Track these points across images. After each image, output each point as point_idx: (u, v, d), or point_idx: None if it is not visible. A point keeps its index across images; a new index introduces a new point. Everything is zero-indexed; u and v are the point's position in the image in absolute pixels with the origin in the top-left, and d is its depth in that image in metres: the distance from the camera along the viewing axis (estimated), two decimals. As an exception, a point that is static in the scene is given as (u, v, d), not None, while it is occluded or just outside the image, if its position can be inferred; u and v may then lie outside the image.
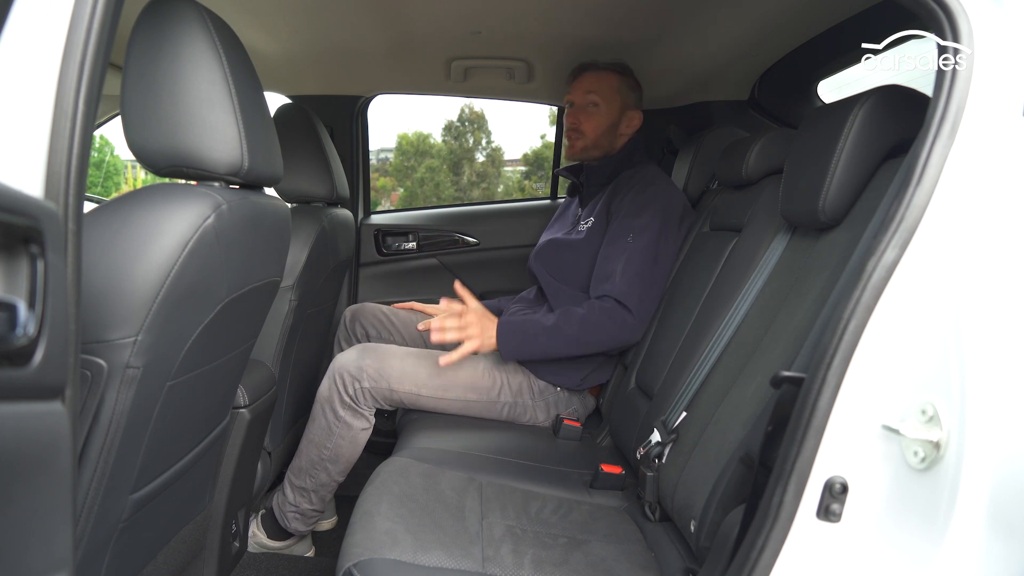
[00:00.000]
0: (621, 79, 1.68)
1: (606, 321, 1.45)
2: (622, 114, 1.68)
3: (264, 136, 0.91)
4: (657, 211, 1.53)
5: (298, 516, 1.52)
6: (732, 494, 0.91)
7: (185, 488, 1.04)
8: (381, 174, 13.96)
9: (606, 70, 1.67)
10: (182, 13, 0.80)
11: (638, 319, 1.47)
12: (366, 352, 1.48)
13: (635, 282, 1.47)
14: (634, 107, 1.70)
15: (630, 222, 1.53)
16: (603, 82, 1.66)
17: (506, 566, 0.93)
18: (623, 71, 1.69)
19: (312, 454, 1.49)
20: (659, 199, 1.55)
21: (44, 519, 0.52)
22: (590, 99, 1.65)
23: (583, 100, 1.66)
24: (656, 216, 1.52)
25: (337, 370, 1.46)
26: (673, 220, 1.56)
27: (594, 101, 1.65)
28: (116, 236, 0.73)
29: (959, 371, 0.66)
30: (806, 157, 1.06)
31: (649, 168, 1.66)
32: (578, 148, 1.69)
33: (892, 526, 0.69)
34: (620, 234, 1.52)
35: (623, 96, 1.67)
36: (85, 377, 0.72)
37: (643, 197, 1.55)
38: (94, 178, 6.17)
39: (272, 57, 1.85)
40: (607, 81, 1.66)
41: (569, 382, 1.57)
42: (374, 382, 1.45)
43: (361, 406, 1.47)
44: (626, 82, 1.68)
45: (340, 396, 1.46)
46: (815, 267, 1.02)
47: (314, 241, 1.46)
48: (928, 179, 0.69)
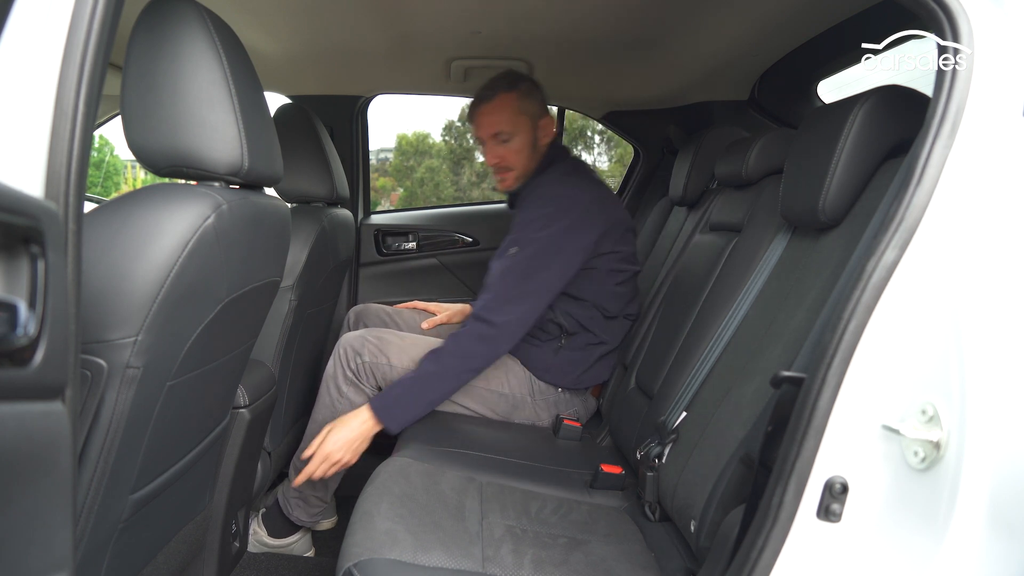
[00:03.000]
0: (518, 94, 1.55)
1: (472, 343, 1.41)
2: (535, 128, 1.58)
3: (264, 136, 0.91)
4: (546, 220, 1.46)
5: (301, 503, 1.53)
6: (732, 494, 0.91)
7: (185, 488, 1.04)
8: (381, 174, 13.96)
9: (499, 93, 1.55)
10: (182, 13, 0.80)
11: (503, 332, 1.41)
12: (370, 331, 1.54)
13: (505, 296, 1.43)
14: (542, 114, 1.60)
15: (517, 236, 1.48)
16: (502, 110, 1.55)
17: (506, 566, 0.93)
18: (514, 84, 1.56)
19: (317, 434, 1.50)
20: (552, 204, 1.47)
21: (44, 519, 0.52)
22: (500, 132, 1.55)
23: (493, 138, 1.57)
24: (546, 226, 1.45)
25: (341, 346, 1.51)
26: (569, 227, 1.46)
27: (504, 133, 1.55)
28: (116, 236, 0.73)
29: (959, 371, 0.66)
30: (806, 157, 1.06)
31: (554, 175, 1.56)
32: (511, 180, 1.61)
33: (892, 526, 0.69)
34: (506, 247, 1.49)
35: (527, 111, 1.56)
36: (85, 377, 0.72)
37: (535, 210, 1.49)
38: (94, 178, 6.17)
39: (272, 57, 1.85)
40: (504, 108, 1.55)
41: (564, 381, 1.57)
42: (374, 357, 1.48)
43: (363, 381, 1.49)
44: (523, 93, 1.56)
45: (343, 371, 1.49)
46: (815, 267, 1.02)
47: (314, 241, 1.46)
48: (928, 179, 0.69)
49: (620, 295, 1.59)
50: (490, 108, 1.56)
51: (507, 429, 1.52)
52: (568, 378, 1.57)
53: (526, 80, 1.60)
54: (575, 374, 1.57)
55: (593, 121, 2.52)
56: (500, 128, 1.55)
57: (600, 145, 12.39)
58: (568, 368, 1.56)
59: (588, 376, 1.59)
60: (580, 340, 1.57)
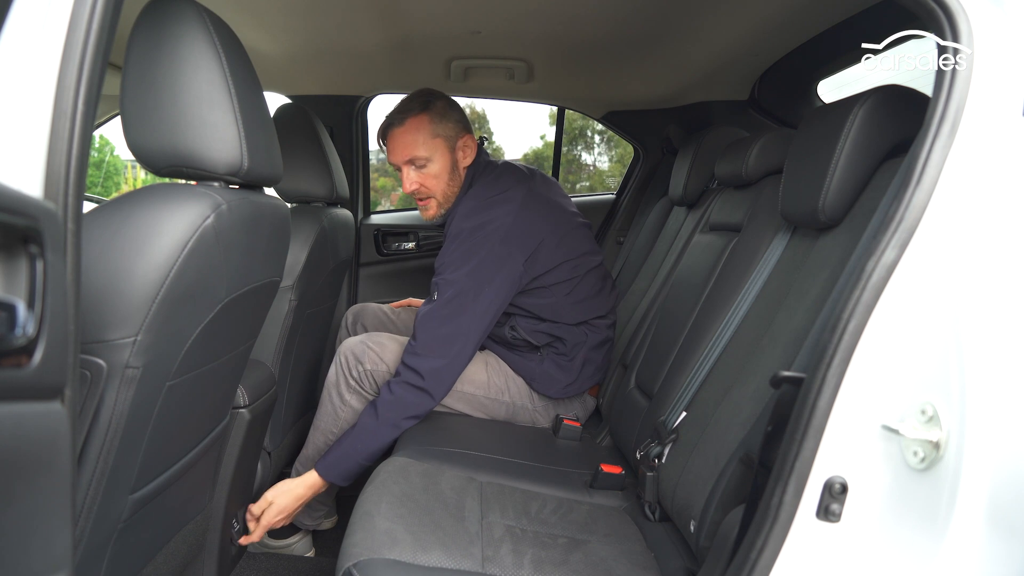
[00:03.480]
0: (430, 116, 1.47)
1: (405, 392, 1.37)
2: (453, 151, 1.50)
3: (264, 136, 0.91)
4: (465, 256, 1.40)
5: (305, 508, 1.53)
6: (732, 494, 0.91)
7: (185, 488, 1.04)
8: (381, 174, 13.94)
9: (410, 117, 1.47)
10: (182, 13, 0.80)
11: (432, 381, 1.37)
12: (369, 337, 1.52)
13: (427, 343, 1.38)
14: (461, 133, 1.51)
15: (436, 279, 1.43)
16: (414, 135, 1.46)
17: (506, 566, 0.93)
18: (426, 105, 1.47)
19: (319, 441, 1.51)
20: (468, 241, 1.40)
21: (44, 519, 0.52)
22: (415, 158, 1.47)
23: (408, 162, 1.49)
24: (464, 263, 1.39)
25: (342, 353, 1.50)
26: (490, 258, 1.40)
27: (420, 158, 1.47)
28: (116, 236, 0.73)
29: (959, 371, 0.66)
30: (806, 157, 1.06)
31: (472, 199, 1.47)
32: (434, 210, 1.53)
33: (892, 526, 0.69)
34: (429, 294, 1.44)
35: (443, 132, 1.48)
36: (85, 377, 0.72)
37: (452, 246, 1.42)
38: (94, 178, 6.17)
39: (272, 57, 1.85)
40: (417, 130, 1.46)
41: (553, 390, 1.55)
42: (375, 364, 1.47)
43: (366, 389, 1.48)
44: (436, 114, 1.48)
45: (345, 379, 1.48)
46: (815, 267, 1.02)
47: (314, 241, 1.46)
48: (928, 179, 0.69)
49: (578, 302, 1.52)
50: (402, 132, 1.47)
51: (507, 429, 1.52)
52: (556, 387, 1.55)
53: (440, 99, 1.50)
54: (563, 384, 1.55)
55: (593, 121, 2.52)
56: (415, 153, 1.47)
57: (600, 145, 12.39)
58: (557, 376, 1.54)
59: (577, 384, 1.57)
60: (556, 350, 1.55)
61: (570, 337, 1.54)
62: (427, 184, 1.50)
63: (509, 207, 1.43)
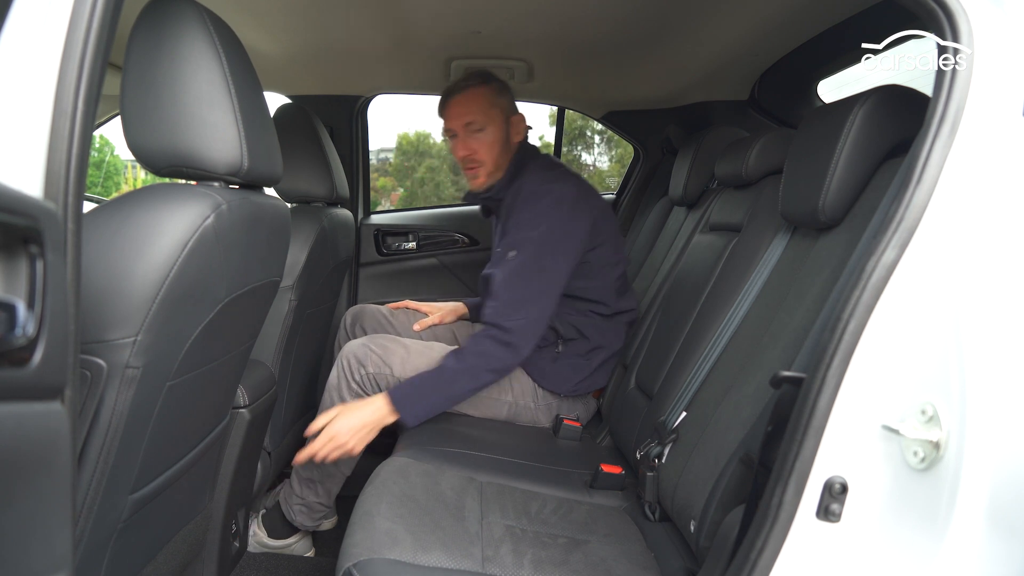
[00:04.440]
0: (490, 89, 1.56)
1: (491, 344, 1.41)
2: (507, 124, 1.58)
3: (264, 136, 0.91)
4: (538, 220, 1.46)
5: (304, 509, 1.53)
6: (732, 494, 0.91)
7: (185, 488, 1.04)
8: (381, 174, 13.95)
9: (472, 87, 1.55)
10: (182, 13, 0.80)
11: (518, 336, 1.41)
12: (372, 340, 1.52)
13: (512, 301, 1.43)
14: (514, 111, 1.61)
15: (512, 238, 1.49)
16: (476, 101, 1.54)
17: (506, 566, 0.93)
18: (487, 80, 1.57)
19: None
20: (541, 204, 1.48)
21: (44, 519, 0.52)
22: (472, 123, 1.54)
23: (465, 128, 1.55)
24: (535, 226, 1.46)
25: (345, 356, 1.49)
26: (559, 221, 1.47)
27: (477, 124, 1.54)
28: (116, 236, 0.73)
29: (959, 371, 0.66)
30: (806, 157, 1.06)
31: (534, 173, 1.56)
32: (483, 176, 1.58)
33: (892, 526, 0.69)
34: (503, 253, 1.50)
35: (500, 106, 1.56)
36: (85, 377, 0.72)
37: (525, 209, 1.49)
38: (94, 178, 6.17)
39: (272, 57, 1.85)
40: (479, 99, 1.54)
41: (563, 388, 1.56)
42: (378, 367, 1.47)
43: (368, 392, 1.48)
44: (496, 90, 1.57)
45: (348, 382, 1.48)
46: (815, 267, 1.02)
47: (314, 241, 1.46)
48: (928, 179, 0.69)
49: (617, 290, 1.60)
50: (463, 99, 1.55)
51: (507, 429, 1.52)
52: (567, 385, 1.56)
53: (497, 80, 1.60)
54: (574, 381, 1.56)
55: (593, 121, 2.52)
56: (472, 118, 1.54)
57: (600, 145, 12.37)
58: (568, 374, 1.56)
59: (587, 383, 1.59)
60: (578, 346, 1.57)
61: (595, 335, 1.57)
62: (479, 151, 1.56)
63: (573, 180, 1.56)
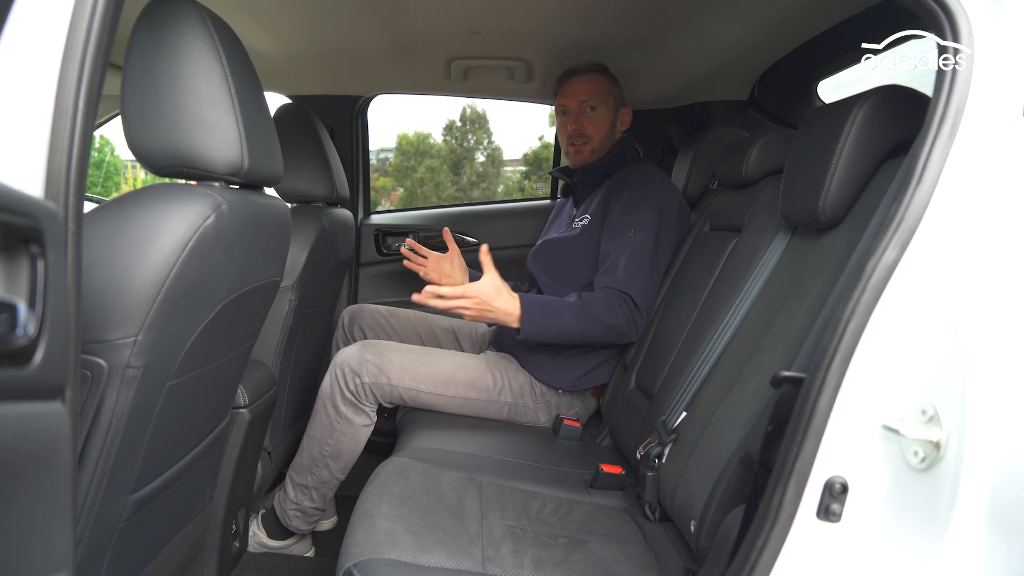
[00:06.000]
0: (607, 78, 1.69)
1: (617, 309, 1.46)
2: (617, 112, 1.70)
3: (264, 136, 0.91)
4: (655, 208, 1.55)
5: (299, 514, 1.52)
6: (732, 494, 0.91)
7: (185, 488, 1.04)
8: (381, 174, 13.96)
9: (592, 72, 1.68)
10: (182, 13, 0.80)
11: (643, 312, 1.49)
12: (367, 348, 1.49)
13: (637, 277, 1.49)
14: (623, 104, 1.73)
15: (630, 218, 1.54)
16: (594, 84, 1.67)
17: (506, 566, 0.93)
18: (605, 71, 1.70)
19: (314, 451, 1.49)
20: (656, 196, 1.57)
21: (44, 519, 0.52)
22: (587, 103, 1.66)
23: (580, 105, 1.67)
24: (654, 212, 1.54)
25: (338, 365, 1.47)
26: (670, 218, 1.58)
27: (592, 104, 1.66)
28: (116, 236, 0.73)
29: (959, 371, 0.66)
30: (806, 157, 1.06)
31: (647, 166, 1.68)
32: (587, 153, 1.69)
33: (892, 526, 0.69)
34: (621, 230, 1.53)
35: (614, 95, 1.70)
36: (85, 377, 0.72)
37: (641, 194, 1.57)
38: (94, 178, 6.18)
39: (272, 57, 1.85)
40: (597, 83, 1.68)
41: (564, 383, 1.57)
42: (374, 377, 1.45)
43: (363, 402, 1.47)
44: (612, 80, 1.71)
45: (342, 392, 1.46)
46: (815, 267, 1.02)
47: (314, 241, 1.46)
48: (928, 179, 0.69)
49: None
50: (585, 80, 1.67)
51: (507, 430, 1.52)
52: (568, 380, 1.57)
53: (611, 74, 1.72)
54: (576, 375, 1.57)
55: (593, 121, 2.51)
56: (589, 97, 1.66)
57: (600, 145, 12.31)
58: (570, 369, 1.56)
59: (589, 378, 1.59)
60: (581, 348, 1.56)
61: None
62: (589, 128, 1.67)
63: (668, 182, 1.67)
